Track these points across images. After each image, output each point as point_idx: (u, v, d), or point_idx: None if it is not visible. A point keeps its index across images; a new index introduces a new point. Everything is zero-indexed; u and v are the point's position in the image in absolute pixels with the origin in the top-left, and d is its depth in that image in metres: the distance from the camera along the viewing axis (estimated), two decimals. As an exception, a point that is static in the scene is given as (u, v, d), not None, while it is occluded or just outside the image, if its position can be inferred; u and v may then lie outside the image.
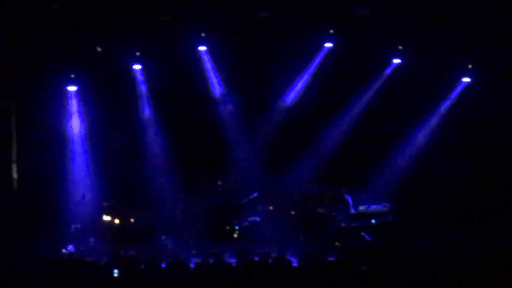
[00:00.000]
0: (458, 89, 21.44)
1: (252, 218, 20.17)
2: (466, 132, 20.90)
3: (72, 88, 20.56)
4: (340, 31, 20.66)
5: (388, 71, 21.42)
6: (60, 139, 20.74)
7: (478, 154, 20.81)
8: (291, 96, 21.71)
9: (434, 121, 21.65)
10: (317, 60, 21.30)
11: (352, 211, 20.07)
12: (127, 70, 20.91)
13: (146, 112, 21.47)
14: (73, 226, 19.47)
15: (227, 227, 19.97)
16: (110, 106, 20.87)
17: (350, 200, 20.28)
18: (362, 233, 19.24)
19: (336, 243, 18.64)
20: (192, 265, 15.73)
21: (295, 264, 14.64)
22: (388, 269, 13.35)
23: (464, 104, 21.23)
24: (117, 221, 19.93)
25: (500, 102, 20.36)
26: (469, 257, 12.86)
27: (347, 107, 21.67)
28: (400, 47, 20.90)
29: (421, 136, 21.58)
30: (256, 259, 15.93)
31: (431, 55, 20.61)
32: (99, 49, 20.10)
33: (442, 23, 19.79)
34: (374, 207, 20.07)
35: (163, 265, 15.89)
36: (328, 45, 21.06)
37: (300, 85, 21.61)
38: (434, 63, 20.73)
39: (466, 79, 21.28)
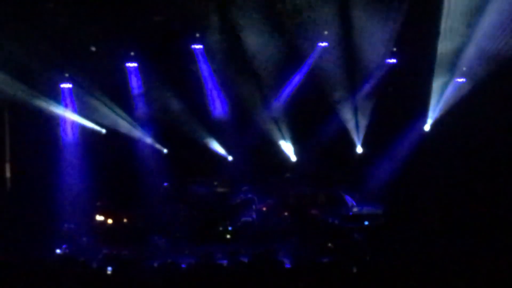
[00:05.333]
0: (452, 91, 21.43)
1: (245, 219, 20.18)
2: (459, 135, 20.90)
3: (66, 86, 20.54)
4: (335, 31, 20.65)
5: (382, 72, 21.43)
6: (54, 138, 20.70)
7: (471, 157, 20.81)
8: (285, 95, 21.70)
9: (427, 123, 21.67)
10: (311, 59, 21.28)
11: (351, 212, 20.12)
12: (121, 68, 20.87)
13: (140, 111, 21.45)
14: (66, 225, 19.45)
15: (220, 228, 19.98)
16: (104, 104, 20.83)
17: (348, 200, 20.30)
18: (355, 235, 19.24)
19: (329, 244, 18.62)
20: (184, 266, 15.68)
21: (287, 265, 14.58)
22: (380, 270, 13.31)
23: (457, 106, 21.22)
24: (110, 221, 19.91)
25: (492, 106, 20.37)
26: (460, 260, 12.86)
27: (341, 107, 21.68)
28: (394, 48, 20.97)
29: (414, 138, 21.60)
30: (248, 260, 15.89)
31: (425, 56, 20.62)
32: (93, 48, 20.09)
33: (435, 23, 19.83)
34: (367, 209, 20.08)
35: (156, 265, 15.85)
36: (323, 44, 21.06)
37: (294, 84, 21.60)
38: (428, 64, 20.72)
39: (460, 80, 21.28)
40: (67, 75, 20.43)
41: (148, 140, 21.46)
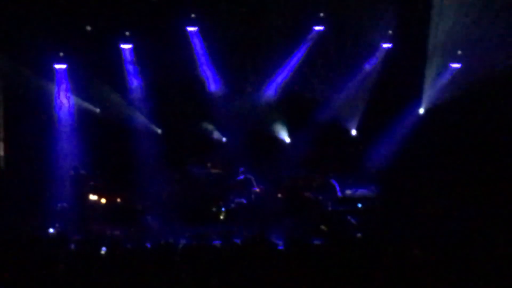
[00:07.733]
0: (447, 75, 21.42)
1: (238, 200, 20.19)
2: (455, 118, 20.91)
3: (60, 66, 20.49)
4: (331, 14, 20.60)
5: (377, 55, 21.40)
6: (48, 117, 20.67)
7: (466, 140, 20.83)
8: (280, 79, 21.68)
9: (422, 107, 21.67)
10: (307, 43, 21.24)
11: (340, 194, 20.11)
12: (116, 48, 20.81)
13: (135, 92, 21.41)
14: (59, 205, 19.44)
15: (214, 209, 19.99)
16: (98, 84, 20.80)
17: (336, 185, 20.30)
18: (348, 217, 19.26)
19: (322, 227, 18.65)
20: (177, 246, 15.68)
21: (280, 247, 14.60)
22: (373, 254, 13.32)
23: (452, 90, 21.22)
24: (103, 200, 19.91)
25: (488, 91, 20.37)
26: (453, 245, 12.87)
27: (335, 90, 21.68)
28: (390, 32, 20.94)
29: (408, 121, 21.61)
30: (241, 241, 15.90)
31: (421, 41, 20.61)
32: (88, 28, 20.03)
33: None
34: (360, 191, 20.11)
35: (148, 246, 15.85)
36: (318, 28, 21.02)
37: (289, 68, 21.57)
38: (424, 48, 20.71)
39: (456, 65, 21.26)
40: (61, 54, 20.33)
41: (143, 120, 21.41)
